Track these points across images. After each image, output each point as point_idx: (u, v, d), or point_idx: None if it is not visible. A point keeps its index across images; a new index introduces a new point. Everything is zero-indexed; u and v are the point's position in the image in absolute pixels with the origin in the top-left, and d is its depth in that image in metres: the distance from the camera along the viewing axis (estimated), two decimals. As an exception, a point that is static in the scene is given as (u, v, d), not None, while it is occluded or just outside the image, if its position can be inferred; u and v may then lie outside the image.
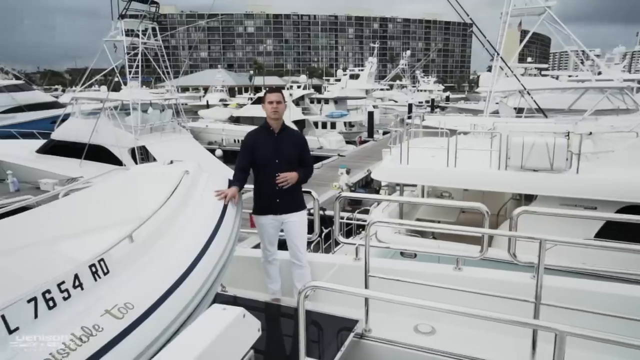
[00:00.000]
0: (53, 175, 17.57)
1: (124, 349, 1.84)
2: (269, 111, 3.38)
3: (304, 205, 3.58)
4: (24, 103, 38.58)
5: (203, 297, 2.47)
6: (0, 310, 1.60)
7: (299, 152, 3.43)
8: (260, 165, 3.42)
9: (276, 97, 3.37)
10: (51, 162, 18.97)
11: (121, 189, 3.32)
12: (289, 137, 3.46)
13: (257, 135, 3.51)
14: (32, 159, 19.47)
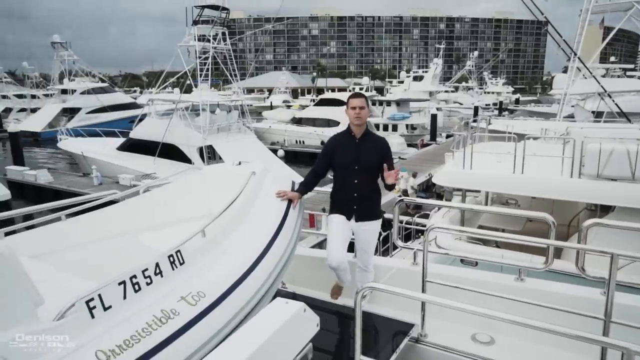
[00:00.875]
0: (130, 171, 19.03)
1: (197, 333, 2.03)
2: (351, 117, 3.30)
3: (380, 215, 3.48)
4: (108, 104, 42.19)
5: (266, 291, 2.62)
6: (97, 290, 1.84)
7: (381, 159, 3.30)
8: (339, 170, 3.37)
9: (359, 102, 3.27)
10: (129, 159, 20.55)
11: (194, 187, 3.59)
12: (371, 143, 3.35)
13: (338, 140, 3.47)
14: (113, 155, 21.18)
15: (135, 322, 1.88)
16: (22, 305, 1.63)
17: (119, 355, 1.74)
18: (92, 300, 1.81)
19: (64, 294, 1.83)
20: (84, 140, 23.72)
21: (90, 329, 1.77)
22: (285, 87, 65.22)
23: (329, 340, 3.08)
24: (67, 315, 1.73)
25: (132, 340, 1.81)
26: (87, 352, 1.69)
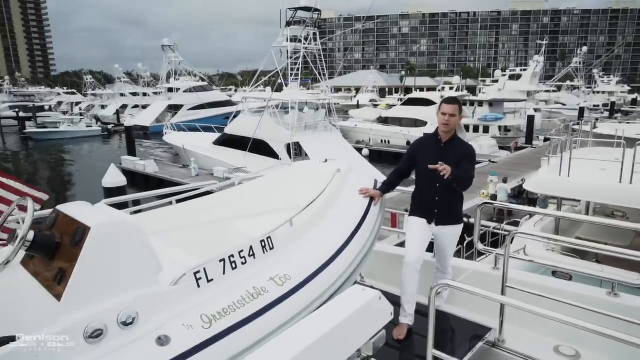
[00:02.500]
0: (224, 164, 20.44)
1: (282, 310, 2.27)
2: (440, 122, 3.26)
3: (462, 219, 3.43)
4: (206, 101, 45.60)
5: (345, 280, 2.80)
6: (203, 265, 2.16)
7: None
8: (422, 173, 3.31)
9: (451, 109, 3.20)
10: (223, 153, 22.07)
11: (283, 181, 3.88)
12: (456, 149, 3.27)
13: (423, 142, 3.46)
14: (209, 149, 22.87)
15: (231, 295, 2.16)
16: (147, 270, 1.97)
17: (219, 320, 2.03)
18: (199, 273, 2.13)
19: (174, 266, 2.17)
20: (185, 135, 25.89)
21: (196, 296, 2.08)
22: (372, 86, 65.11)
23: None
24: (179, 283, 2.06)
25: (229, 309, 2.09)
26: (194, 314, 2.00)
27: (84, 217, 1.95)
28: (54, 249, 1.95)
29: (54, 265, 1.92)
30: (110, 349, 1.76)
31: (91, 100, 63.84)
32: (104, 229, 1.86)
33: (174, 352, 1.83)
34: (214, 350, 1.93)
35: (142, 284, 1.93)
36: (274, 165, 16.17)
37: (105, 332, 1.76)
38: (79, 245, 1.82)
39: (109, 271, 1.85)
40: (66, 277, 1.78)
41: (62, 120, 43.98)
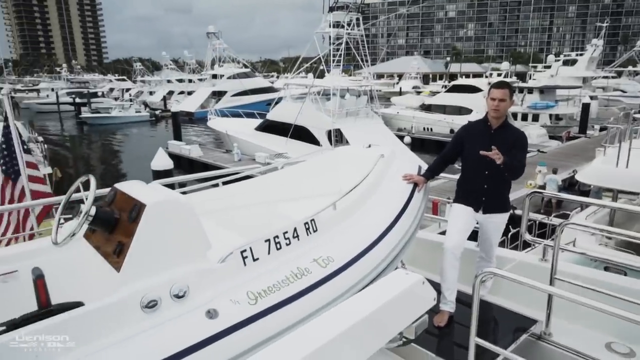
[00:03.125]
0: (265, 150, 20.76)
1: (325, 291, 2.31)
2: (489, 107, 3.14)
3: (509, 207, 3.31)
4: (249, 88, 46.26)
5: (387, 265, 2.80)
6: (249, 244, 2.23)
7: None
8: (470, 160, 3.23)
9: (500, 94, 3.06)
10: (265, 139, 22.41)
11: (326, 166, 3.90)
12: (507, 136, 3.13)
13: (472, 128, 3.34)
14: (252, 135, 23.28)
15: (276, 274, 2.23)
16: (197, 247, 2.06)
17: (263, 298, 2.10)
18: (245, 252, 2.20)
19: (221, 244, 2.25)
20: (228, 120, 26.45)
21: (243, 274, 2.16)
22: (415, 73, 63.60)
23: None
24: (227, 261, 2.14)
25: (274, 287, 2.16)
26: (240, 290, 2.08)
27: (139, 194, 2.05)
28: (113, 224, 2.07)
29: (113, 239, 2.04)
30: (164, 319, 1.86)
31: (140, 86, 66.37)
32: (158, 207, 1.95)
33: (222, 325, 1.92)
34: (259, 326, 2.01)
35: (193, 260, 2.02)
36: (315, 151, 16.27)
37: (159, 303, 1.87)
38: (136, 221, 1.93)
39: (162, 246, 1.95)
40: (124, 251, 1.90)
41: (113, 105, 46.13)
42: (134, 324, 1.79)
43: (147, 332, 1.80)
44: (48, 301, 1.74)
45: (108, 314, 1.74)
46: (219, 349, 1.86)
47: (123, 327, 1.77)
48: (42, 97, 57.85)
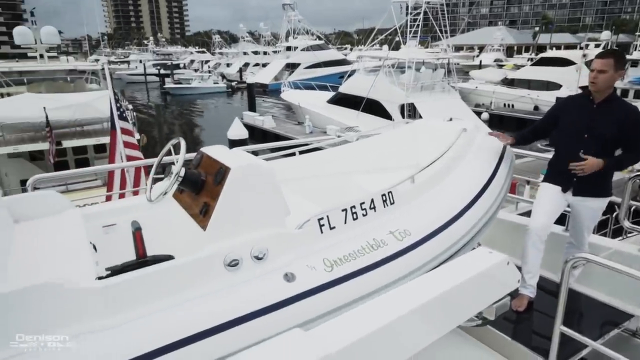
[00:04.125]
0: (336, 123, 20.74)
1: (400, 264, 2.28)
2: (589, 79, 2.85)
3: (608, 192, 2.97)
4: (322, 60, 46.15)
5: (465, 244, 2.70)
6: (326, 212, 2.24)
7: (621, 132, 2.72)
8: (565, 137, 2.96)
9: (600, 64, 2.73)
10: (336, 112, 22.36)
11: (404, 139, 3.80)
12: (612, 112, 2.78)
13: (570, 102, 3.05)
14: (323, 107, 23.31)
15: (352, 243, 2.23)
16: (277, 212, 2.12)
17: (339, 266, 2.12)
18: (322, 219, 2.22)
19: (297, 211, 2.29)
20: (301, 93, 26.67)
21: (319, 241, 2.19)
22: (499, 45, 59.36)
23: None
24: (304, 227, 2.17)
25: (350, 257, 2.17)
26: (316, 257, 2.11)
27: (224, 159, 2.14)
28: (200, 185, 2.19)
29: (200, 200, 2.16)
30: (244, 279, 1.95)
31: (218, 58, 68.90)
32: (242, 171, 2.02)
33: (299, 288, 1.97)
34: (334, 293, 2.04)
35: (272, 224, 2.08)
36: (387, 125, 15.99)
37: (240, 263, 1.95)
38: (221, 184, 2.01)
39: (245, 209, 2.02)
40: (210, 211, 2.00)
41: (193, 77, 48.48)
42: (217, 281, 1.90)
43: (229, 289, 1.89)
44: (144, 252, 1.89)
45: (195, 269, 1.85)
46: (295, 312, 1.92)
47: (208, 282, 1.88)
48: (131, 69, 62.26)
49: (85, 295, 1.62)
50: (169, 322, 1.72)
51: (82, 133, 12.46)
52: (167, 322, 1.72)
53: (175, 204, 2.38)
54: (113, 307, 1.67)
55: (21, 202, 2.37)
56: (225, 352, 1.75)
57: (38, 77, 16.12)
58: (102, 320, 1.64)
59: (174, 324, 1.72)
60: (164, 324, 1.71)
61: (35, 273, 1.81)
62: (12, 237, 2.13)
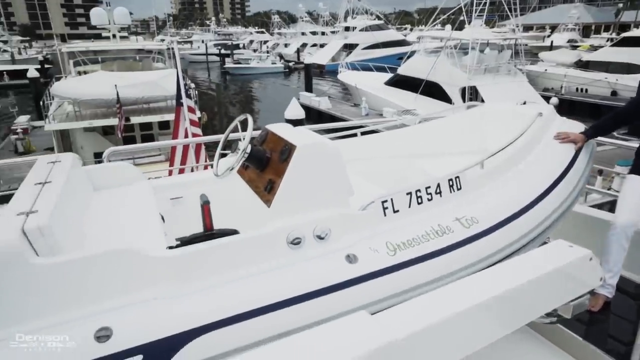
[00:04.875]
0: (393, 105, 20.28)
1: (467, 253, 2.19)
2: None
3: None
4: (381, 41, 45.14)
5: (536, 236, 2.54)
6: (390, 195, 2.19)
7: None
8: None
9: None
10: (393, 94, 21.84)
11: (471, 123, 3.62)
12: None
13: None
14: (381, 89, 22.86)
15: (416, 228, 2.16)
16: (341, 192, 2.09)
17: (402, 250, 2.06)
18: (386, 202, 2.17)
19: (360, 193, 2.24)
20: (358, 74, 26.27)
21: (382, 224, 2.14)
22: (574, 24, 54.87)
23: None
24: (367, 209, 2.13)
25: (413, 241, 2.10)
26: (379, 240, 2.07)
27: (290, 136, 2.13)
28: (265, 162, 2.20)
29: (264, 177, 2.17)
30: (307, 257, 1.95)
31: (276, 39, 69.41)
32: (308, 149, 2.00)
33: (361, 270, 1.95)
34: (397, 277, 1.99)
35: (336, 204, 2.06)
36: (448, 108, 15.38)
37: (302, 241, 1.95)
38: (286, 161, 2.01)
39: (309, 188, 2.01)
40: (274, 188, 2.01)
41: (252, 57, 49.30)
42: (280, 257, 1.91)
43: (291, 267, 1.91)
44: (211, 225, 1.94)
45: (259, 245, 1.88)
46: (356, 294, 1.90)
47: (270, 259, 1.90)
48: (194, 49, 64.33)
49: (157, 263, 1.69)
50: (233, 295, 1.76)
51: (148, 110, 13.11)
52: (231, 295, 1.76)
53: (240, 179, 2.42)
54: (181, 277, 1.73)
55: (100, 171, 2.51)
56: (285, 329, 1.77)
57: (110, 56, 17.09)
58: (171, 288, 1.71)
59: (237, 297, 1.76)
60: (228, 297, 1.75)
61: (111, 239, 1.92)
62: (91, 203, 2.26)
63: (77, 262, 1.58)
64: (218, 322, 1.67)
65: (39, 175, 2.04)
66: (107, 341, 1.53)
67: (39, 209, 1.67)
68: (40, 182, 1.94)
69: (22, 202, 1.74)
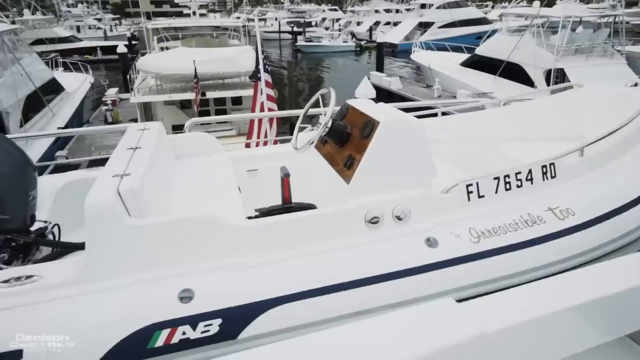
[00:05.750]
0: (468, 88, 19.23)
1: (560, 246, 2.00)
2: None
3: None
4: (458, 19, 42.77)
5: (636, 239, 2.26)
6: (476, 179, 2.04)
7: None
8: None
9: None
10: (469, 75, 20.68)
11: (565, 106, 3.29)
12: None
13: None
14: (456, 70, 21.76)
15: (503, 216, 2.01)
16: (423, 173, 1.99)
17: (486, 238, 1.93)
18: (471, 186, 2.03)
19: (442, 175, 2.12)
20: (432, 54, 25.20)
21: (466, 209, 2.01)
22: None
23: None
24: (451, 192, 2.01)
25: (499, 230, 1.96)
26: (462, 225, 1.95)
27: (372, 112, 2.05)
28: (345, 137, 2.14)
29: (344, 152, 2.12)
30: (384, 237, 1.89)
31: (349, 16, 68.29)
32: (392, 125, 1.91)
33: (441, 256, 1.85)
34: (479, 266, 1.87)
35: (418, 185, 1.96)
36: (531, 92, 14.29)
37: (381, 220, 1.89)
38: (368, 138, 1.93)
39: (391, 166, 1.93)
40: (355, 165, 1.95)
41: (324, 35, 49.05)
42: (357, 235, 1.87)
43: (368, 246, 1.86)
44: (290, 198, 1.93)
45: (336, 221, 1.84)
46: (434, 279, 1.82)
47: (347, 236, 1.86)
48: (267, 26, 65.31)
49: (238, 232, 1.71)
50: (309, 269, 1.75)
51: (222, 85, 13.57)
52: (307, 269, 1.75)
53: (316, 154, 2.39)
54: (260, 247, 1.75)
55: (182, 141, 2.61)
56: (359, 308, 1.73)
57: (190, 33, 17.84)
58: (250, 257, 1.73)
59: (314, 272, 1.75)
60: (305, 271, 1.75)
61: (193, 205, 1.98)
62: (174, 170, 2.36)
63: (165, 224, 1.64)
64: (294, 295, 1.67)
65: (131, 141, 2.14)
66: (189, 302, 1.59)
67: (131, 172, 1.76)
68: (132, 148, 2.04)
69: (117, 165, 1.84)
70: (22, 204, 1.74)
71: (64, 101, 15.23)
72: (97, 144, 12.78)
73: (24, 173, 1.75)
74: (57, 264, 1.76)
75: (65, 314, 1.55)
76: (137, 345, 1.54)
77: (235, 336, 1.61)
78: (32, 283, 1.59)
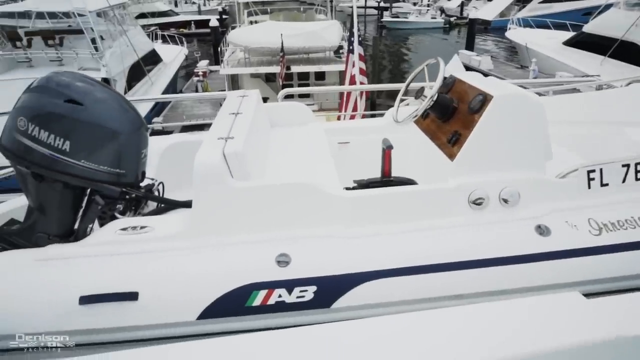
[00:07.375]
0: (570, 70, 17.43)
1: None
2: None
3: None
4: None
5: None
6: (600, 165, 1.82)
7: None
8: None
9: None
10: (572, 56, 18.69)
11: None
12: None
13: None
14: (557, 50, 19.79)
15: (631, 208, 1.78)
16: (538, 154, 1.80)
17: (610, 232, 1.72)
18: (593, 172, 1.81)
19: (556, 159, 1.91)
20: (530, 32, 23.16)
21: (585, 197, 1.81)
22: None
23: None
24: (568, 177, 1.81)
25: (626, 224, 1.74)
26: (580, 215, 1.76)
27: (484, 86, 1.89)
28: (451, 112, 2.01)
29: (448, 128, 1.99)
30: (489, 221, 1.76)
31: (439, -9, 64.86)
32: (507, 100, 1.75)
33: (554, 246, 1.68)
34: (600, 261, 1.68)
35: (530, 167, 1.79)
36: None
37: (486, 202, 1.76)
38: (478, 112, 1.79)
39: (501, 144, 1.78)
40: (461, 141, 1.82)
41: (411, 11, 47.14)
42: (459, 216, 1.76)
43: (470, 227, 1.74)
44: (390, 171, 1.86)
45: (438, 198, 1.75)
46: (546, 270, 1.66)
47: (448, 216, 1.76)
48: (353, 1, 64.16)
49: (336, 202, 1.69)
50: (407, 246, 1.69)
51: (307, 60, 13.63)
52: (405, 246, 1.69)
53: (415, 128, 2.28)
54: (357, 219, 1.71)
55: (277, 109, 2.63)
56: (458, 292, 1.64)
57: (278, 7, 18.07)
58: (347, 228, 1.70)
59: (412, 250, 1.68)
60: (402, 247, 1.68)
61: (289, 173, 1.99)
62: (270, 138, 2.39)
63: (266, 188, 1.66)
64: (389, 271, 1.62)
65: (232, 107, 2.19)
66: (286, 267, 1.61)
67: (235, 136, 1.79)
68: (233, 113, 2.09)
69: (221, 128, 1.88)
70: (136, 160, 1.85)
71: (161, 71, 16.31)
72: (188, 112, 13.60)
73: (139, 132, 1.86)
74: (166, 218, 1.87)
75: (174, 265, 1.65)
76: (235, 302, 1.60)
77: (329, 305, 1.60)
78: (146, 233, 1.70)
